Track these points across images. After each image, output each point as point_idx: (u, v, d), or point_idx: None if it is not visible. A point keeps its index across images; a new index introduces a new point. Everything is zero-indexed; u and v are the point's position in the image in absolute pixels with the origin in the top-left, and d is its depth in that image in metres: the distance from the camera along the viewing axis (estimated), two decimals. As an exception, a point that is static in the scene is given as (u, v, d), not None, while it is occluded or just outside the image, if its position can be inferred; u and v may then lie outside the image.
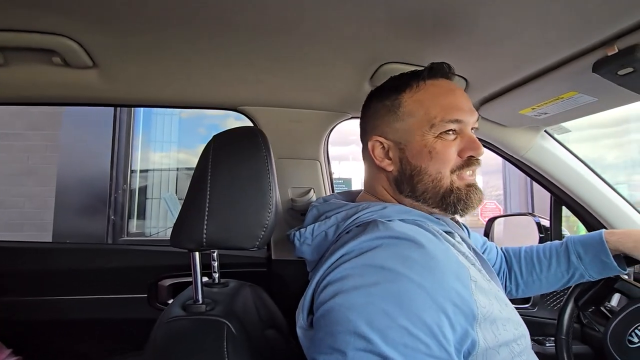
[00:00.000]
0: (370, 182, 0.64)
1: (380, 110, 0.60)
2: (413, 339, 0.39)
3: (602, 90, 0.69)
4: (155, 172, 3.17)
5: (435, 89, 0.58)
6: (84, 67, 0.76)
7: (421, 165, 0.56)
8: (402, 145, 0.57)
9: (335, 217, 0.57)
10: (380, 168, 0.60)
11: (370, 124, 0.62)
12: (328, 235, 0.56)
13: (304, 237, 0.59)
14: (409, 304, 0.40)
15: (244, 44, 0.70)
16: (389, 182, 0.60)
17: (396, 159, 0.58)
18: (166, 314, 0.58)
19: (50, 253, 1.12)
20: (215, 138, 0.63)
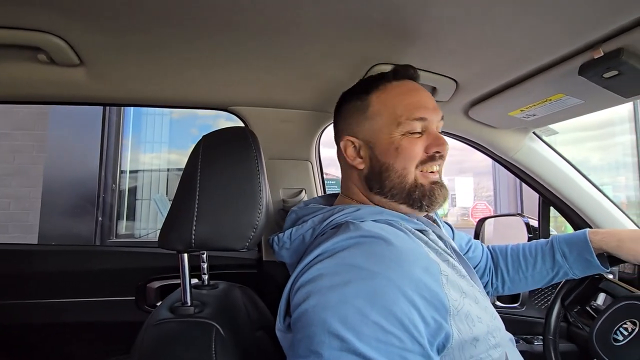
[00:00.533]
0: (345, 182, 0.66)
1: (351, 110, 0.63)
2: (385, 333, 0.40)
3: (588, 93, 0.70)
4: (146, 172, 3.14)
5: (401, 89, 0.61)
6: (71, 65, 0.74)
7: (389, 161, 0.59)
8: (372, 143, 0.60)
9: (311, 220, 0.58)
10: (352, 167, 0.63)
11: (341, 124, 0.65)
12: (305, 239, 0.57)
13: (282, 241, 0.60)
14: (380, 299, 0.41)
15: (235, 43, 0.69)
16: (361, 181, 0.62)
17: (366, 158, 0.61)
18: (154, 317, 0.57)
19: (35, 255, 1.09)
20: (205, 138, 0.63)
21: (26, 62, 0.73)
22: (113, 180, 2.70)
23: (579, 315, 0.93)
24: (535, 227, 1.26)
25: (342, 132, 0.65)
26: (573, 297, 0.91)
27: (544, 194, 1.16)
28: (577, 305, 0.93)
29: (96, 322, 1.06)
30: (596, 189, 1.10)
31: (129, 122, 2.97)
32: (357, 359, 0.39)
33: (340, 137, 0.64)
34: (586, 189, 1.09)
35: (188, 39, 0.67)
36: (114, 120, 2.68)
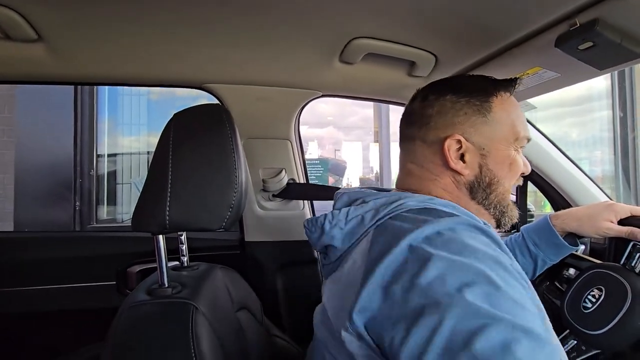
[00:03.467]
0: (424, 183, 0.57)
1: (465, 108, 0.55)
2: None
3: (564, 66, 0.70)
4: (125, 156, 3.05)
5: (516, 104, 0.59)
6: (28, 40, 0.70)
7: (500, 175, 0.55)
8: (485, 151, 0.55)
9: (373, 201, 0.52)
10: (449, 170, 0.55)
11: (445, 119, 0.56)
12: (365, 220, 0.50)
13: (337, 219, 0.52)
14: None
15: (207, 18, 0.66)
16: (457, 186, 0.56)
17: (474, 164, 0.55)
18: (130, 300, 0.56)
19: (12, 242, 1.06)
20: (177, 116, 0.60)
21: None
22: (90, 164, 2.61)
23: (549, 289, 0.96)
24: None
25: (443, 128, 0.55)
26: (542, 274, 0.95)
27: (521, 168, 1.18)
28: (546, 280, 0.96)
29: (78, 309, 1.04)
30: (572, 163, 1.13)
31: (103, 104, 2.86)
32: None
33: (440, 133, 0.55)
34: (563, 163, 1.11)
35: (155, 12, 0.63)
36: (86, 101, 2.56)
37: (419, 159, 0.58)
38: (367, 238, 0.48)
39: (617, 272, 0.73)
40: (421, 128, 0.57)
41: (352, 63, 0.84)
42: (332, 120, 6.95)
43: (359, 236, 0.50)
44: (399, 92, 1.02)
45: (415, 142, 0.58)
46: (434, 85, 0.60)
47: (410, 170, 0.59)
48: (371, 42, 0.75)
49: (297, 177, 1.05)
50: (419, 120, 0.58)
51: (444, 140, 0.55)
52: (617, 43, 0.57)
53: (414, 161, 0.58)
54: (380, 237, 0.47)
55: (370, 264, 0.44)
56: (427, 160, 0.57)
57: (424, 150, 0.57)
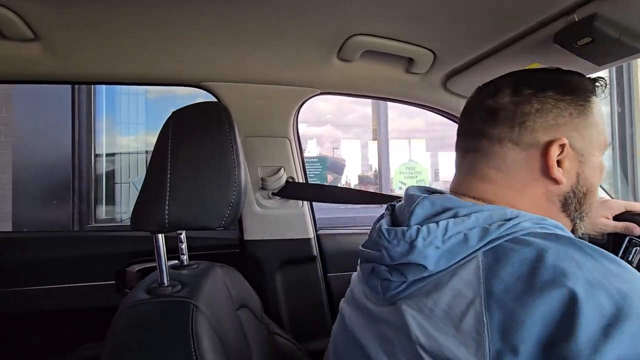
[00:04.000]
0: (508, 191, 0.50)
1: (570, 107, 0.49)
2: None
3: (562, 61, 0.70)
4: (124, 155, 3.04)
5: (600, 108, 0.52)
6: (24, 39, 0.69)
7: (594, 183, 0.51)
8: (583, 157, 0.49)
9: (475, 216, 0.43)
10: (546, 178, 0.49)
11: (547, 119, 0.48)
12: (469, 240, 0.42)
13: (433, 235, 0.43)
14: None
15: (204, 16, 0.66)
16: (549, 197, 0.49)
17: (572, 172, 0.49)
18: (129, 299, 0.56)
19: (11, 242, 1.06)
20: (175, 114, 0.60)
21: None
22: (88, 163, 2.60)
23: None
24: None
25: (544, 130, 0.48)
26: None
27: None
28: None
29: (77, 309, 1.04)
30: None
31: (101, 103, 2.84)
32: None
33: (539, 135, 0.48)
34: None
35: (152, 10, 0.63)
36: (84, 100, 2.55)
37: (507, 165, 0.49)
38: (474, 263, 0.41)
39: None
40: (514, 128, 0.49)
41: (350, 60, 0.84)
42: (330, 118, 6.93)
43: (460, 259, 0.42)
44: (398, 89, 1.02)
45: (503, 144, 0.49)
46: (524, 78, 0.51)
47: (487, 176, 0.50)
48: (369, 40, 0.75)
49: (296, 175, 1.05)
50: (512, 119, 0.49)
51: (548, 145, 0.47)
52: (616, 38, 0.57)
53: (497, 166, 0.49)
54: (503, 268, 0.39)
55: (502, 309, 0.36)
56: (517, 166, 0.49)
57: (515, 154, 0.49)
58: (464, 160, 0.54)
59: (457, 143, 0.56)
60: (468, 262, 0.41)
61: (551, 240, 0.40)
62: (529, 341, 0.34)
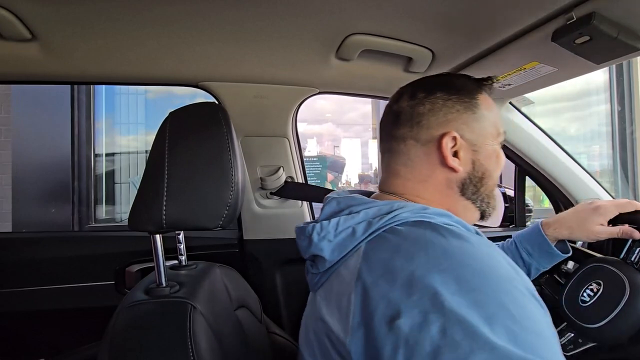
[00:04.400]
0: (414, 183, 0.57)
1: (457, 105, 0.56)
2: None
3: (561, 60, 0.70)
4: (123, 155, 3.04)
5: (493, 102, 0.60)
6: (22, 39, 0.69)
7: (490, 168, 0.57)
8: (476, 147, 0.56)
9: (364, 212, 0.50)
10: (444, 167, 0.55)
11: (438, 117, 0.56)
12: (356, 233, 0.49)
13: (325, 230, 0.50)
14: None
15: (202, 15, 0.65)
16: (448, 184, 0.56)
17: (467, 160, 0.56)
18: (128, 299, 0.56)
19: (7, 243, 1.06)
20: (172, 114, 0.60)
21: None
22: (88, 163, 2.60)
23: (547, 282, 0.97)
24: (511, 197, 1.29)
25: (437, 125, 0.55)
26: None
27: (519, 164, 1.18)
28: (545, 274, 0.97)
29: (77, 308, 1.04)
30: (571, 158, 1.13)
31: (101, 103, 2.84)
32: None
33: (434, 131, 0.55)
34: (561, 158, 1.11)
35: (150, 10, 0.63)
36: (83, 100, 2.55)
37: (412, 160, 0.57)
38: (357, 253, 0.47)
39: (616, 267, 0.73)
40: (413, 127, 0.56)
41: (348, 59, 0.84)
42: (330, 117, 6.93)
43: (350, 250, 0.49)
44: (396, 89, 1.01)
45: (407, 142, 0.57)
46: (419, 84, 0.59)
47: (397, 172, 0.58)
48: (368, 39, 0.75)
49: (295, 174, 1.05)
50: (410, 120, 0.57)
51: (440, 138, 0.55)
52: (614, 37, 0.57)
53: (405, 162, 0.57)
54: (374, 254, 0.45)
55: (364, 289, 0.42)
56: (420, 160, 0.56)
57: (417, 150, 0.56)
58: (383, 161, 0.61)
59: (378, 147, 0.62)
60: (355, 252, 0.48)
61: (417, 227, 0.46)
62: (376, 316, 0.39)
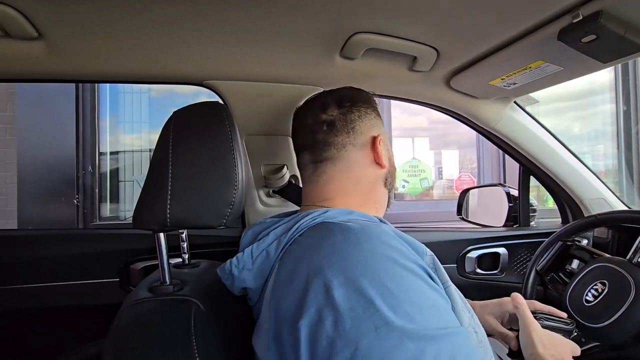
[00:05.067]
0: (348, 185, 0.62)
1: (373, 112, 0.66)
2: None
3: (567, 59, 0.69)
4: (127, 153, 3.05)
5: None
6: (28, 38, 0.70)
7: (393, 164, 0.68)
8: (387, 146, 0.66)
9: (274, 232, 0.53)
10: (374, 166, 0.63)
11: (367, 123, 0.64)
12: (270, 254, 0.51)
13: (242, 262, 0.53)
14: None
15: (206, 13, 0.65)
16: (377, 179, 0.64)
17: (386, 157, 0.64)
18: (132, 297, 0.56)
19: (11, 240, 1.06)
20: (176, 114, 0.60)
21: None
22: (92, 162, 2.61)
23: (552, 280, 0.97)
24: (515, 197, 1.29)
25: (370, 129, 0.64)
26: (547, 265, 0.95)
27: (524, 163, 1.18)
28: (550, 272, 0.97)
29: (81, 305, 1.05)
30: (575, 158, 1.13)
31: (105, 102, 2.85)
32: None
33: (369, 134, 0.64)
34: (566, 158, 1.11)
35: (155, 8, 0.63)
36: (88, 99, 2.56)
37: (350, 164, 0.62)
38: (273, 273, 0.49)
39: (622, 267, 0.73)
40: (349, 133, 0.62)
41: (353, 58, 0.83)
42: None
43: (269, 272, 0.50)
44: (401, 88, 1.01)
45: (346, 148, 0.62)
46: (339, 95, 0.65)
47: (332, 178, 0.62)
48: (372, 37, 0.75)
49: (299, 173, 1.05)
50: (345, 127, 0.62)
51: (373, 140, 0.63)
52: (621, 35, 0.56)
53: (342, 168, 0.61)
54: (281, 269, 0.47)
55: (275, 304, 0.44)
56: (357, 162, 0.62)
57: (355, 154, 0.62)
58: (309, 171, 0.64)
59: (303, 157, 0.65)
60: (272, 273, 0.49)
61: (314, 231, 0.48)
62: (285, 326, 0.41)
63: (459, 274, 1.17)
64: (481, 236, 1.20)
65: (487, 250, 1.19)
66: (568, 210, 1.25)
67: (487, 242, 1.19)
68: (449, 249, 1.17)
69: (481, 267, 1.19)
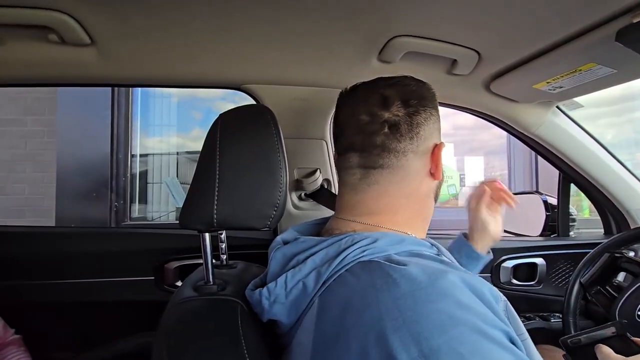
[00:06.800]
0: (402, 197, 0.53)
1: (435, 114, 0.56)
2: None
3: (622, 61, 0.66)
4: (155, 156, 3.14)
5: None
6: (82, 44, 0.73)
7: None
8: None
9: (311, 260, 0.45)
10: (429, 177, 0.55)
11: (430, 127, 0.54)
12: (307, 287, 0.43)
13: (274, 294, 0.46)
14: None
15: (246, 18, 0.67)
16: (428, 192, 0.56)
17: (440, 167, 0.55)
18: (177, 296, 0.57)
19: (53, 237, 1.11)
20: (222, 116, 0.61)
21: (37, 43, 0.72)
22: (125, 163, 2.71)
23: (598, 293, 0.92)
24: (553, 205, 1.24)
25: (432, 135, 0.54)
26: (592, 278, 0.90)
27: (565, 170, 1.13)
28: (596, 285, 0.92)
29: (117, 302, 1.08)
30: (622, 166, 1.07)
31: (137, 105, 2.96)
32: None
33: (431, 141, 0.54)
34: (611, 165, 1.06)
35: (199, 16, 0.65)
36: (122, 102, 2.67)
37: (409, 174, 0.53)
38: (312, 311, 0.42)
39: None
40: (413, 139, 0.52)
41: (390, 62, 0.83)
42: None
43: (305, 307, 0.43)
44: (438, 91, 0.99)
45: (407, 156, 0.52)
46: (405, 90, 0.55)
47: (386, 190, 0.53)
48: (412, 40, 0.74)
49: (332, 177, 1.05)
50: (410, 131, 0.52)
51: (434, 149, 0.54)
52: (688, 36, 0.53)
53: (399, 179, 0.53)
54: (325, 313, 0.40)
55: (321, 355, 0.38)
56: (415, 173, 0.53)
57: (415, 163, 0.53)
58: (365, 178, 0.53)
59: (350, 159, 0.54)
60: (309, 311, 0.43)
61: (365, 271, 0.41)
62: None
63: (493, 285, 1.13)
64: (516, 245, 1.16)
65: (524, 260, 1.14)
66: (612, 221, 1.19)
67: (523, 252, 1.15)
68: None
69: (517, 277, 1.15)
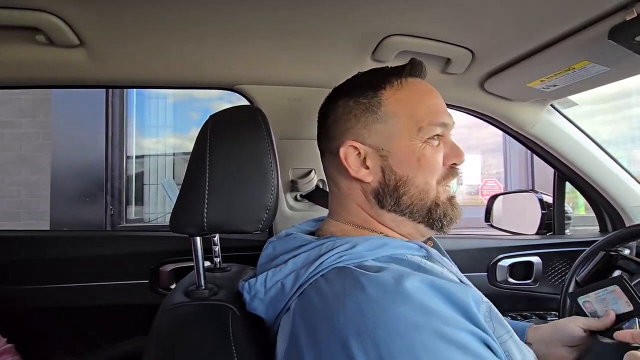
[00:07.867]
0: (339, 201, 0.54)
1: (354, 109, 0.51)
2: None
3: (616, 59, 0.66)
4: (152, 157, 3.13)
5: (419, 87, 0.52)
6: (70, 45, 0.72)
7: (408, 174, 0.49)
8: (384, 151, 0.50)
9: (292, 262, 0.46)
10: (354, 180, 0.51)
11: (338, 127, 0.52)
12: (285, 288, 0.44)
13: (254, 289, 0.47)
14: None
15: (238, 18, 0.66)
16: (366, 197, 0.51)
17: (376, 168, 0.50)
18: (169, 301, 0.56)
19: (47, 241, 1.10)
20: (213, 118, 0.60)
21: (24, 44, 0.71)
22: (120, 165, 2.70)
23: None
24: (549, 203, 1.24)
25: (338, 136, 0.52)
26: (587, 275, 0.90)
27: (560, 169, 1.13)
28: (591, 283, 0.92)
29: (112, 305, 1.07)
30: (617, 163, 1.07)
31: (132, 107, 2.95)
32: None
33: (337, 142, 0.52)
34: (606, 163, 1.06)
35: (190, 16, 0.64)
36: (117, 104, 2.65)
37: (333, 176, 0.55)
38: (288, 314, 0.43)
39: None
40: (325, 140, 0.54)
41: (384, 61, 0.82)
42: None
43: (282, 307, 0.45)
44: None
45: (325, 157, 0.55)
46: (331, 92, 0.56)
47: (331, 190, 0.56)
48: (405, 40, 0.74)
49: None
50: (324, 132, 0.54)
51: (337, 150, 0.51)
52: (680, 33, 0.53)
53: (330, 179, 0.56)
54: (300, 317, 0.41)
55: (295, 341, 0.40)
56: (337, 174, 0.53)
57: (332, 164, 0.54)
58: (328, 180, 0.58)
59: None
60: (286, 313, 0.44)
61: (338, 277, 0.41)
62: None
63: (489, 283, 1.13)
64: (512, 244, 1.16)
65: (520, 259, 1.14)
66: (607, 219, 1.19)
67: (519, 251, 1.15)
68: (479, 257, 1.13)
69: (513, 276, 1.15)
